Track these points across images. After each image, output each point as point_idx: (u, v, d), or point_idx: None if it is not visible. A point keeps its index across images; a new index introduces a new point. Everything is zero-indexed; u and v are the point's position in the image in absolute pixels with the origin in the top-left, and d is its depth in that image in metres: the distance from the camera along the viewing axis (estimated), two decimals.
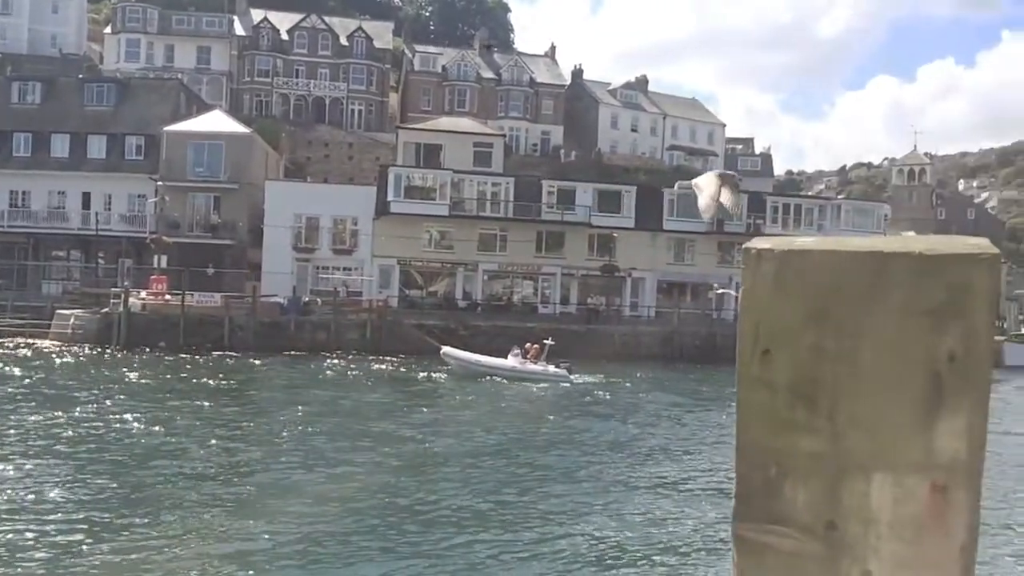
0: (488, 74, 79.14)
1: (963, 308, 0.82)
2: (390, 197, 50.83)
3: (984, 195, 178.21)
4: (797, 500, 0.87)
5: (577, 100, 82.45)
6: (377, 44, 78.42)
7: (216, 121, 54.84)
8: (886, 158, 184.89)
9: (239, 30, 76.64)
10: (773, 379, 0.88)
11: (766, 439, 0.89)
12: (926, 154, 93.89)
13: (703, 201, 7.85)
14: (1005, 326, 62.29)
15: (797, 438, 0.87)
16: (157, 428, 20.65)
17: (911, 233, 73.70)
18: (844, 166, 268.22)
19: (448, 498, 15.05)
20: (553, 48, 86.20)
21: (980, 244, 0.85)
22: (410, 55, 79.00)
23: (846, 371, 0.85)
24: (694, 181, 8.20)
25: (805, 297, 0.86)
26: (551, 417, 25.84)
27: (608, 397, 30.59)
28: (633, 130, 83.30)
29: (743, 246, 0.90)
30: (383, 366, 37.00)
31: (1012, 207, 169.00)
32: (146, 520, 12.92)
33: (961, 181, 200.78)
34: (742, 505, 0.90)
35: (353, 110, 77.03)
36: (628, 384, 34.13)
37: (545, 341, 34.81)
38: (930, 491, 0.84)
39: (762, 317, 0.88)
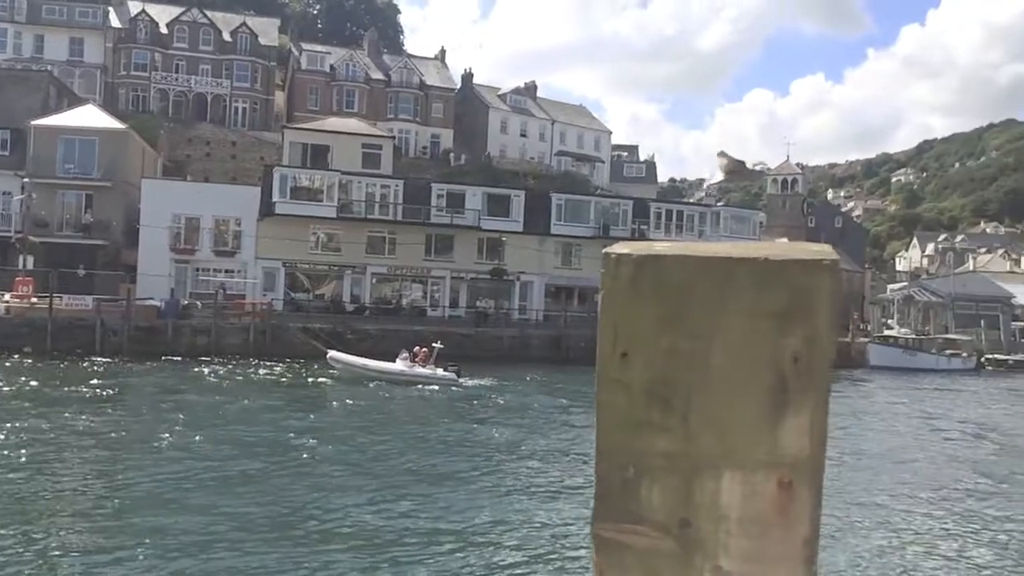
0: (377, 75, 78.41)
1: (806, 311, 0.86)
2: (275, 198, 49.68)
3: (850, 204, 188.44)
4: (653, 499, 0.89)
5: (467, 104, 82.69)
6: (262, 41, 76.51)
7: (89, 116, 52.35)
8: (761, 164, 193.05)
9: (115, 22, 73.37)
10: (630, 381, 0.90)
11: (624, 440, 0.90)
12: (798, 165, 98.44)
13: None
14: (869, 328, 66.04)
15: (653, 438, 0.89)
16: (21, 438, 19.51)
17: (784, 239, 77.17)
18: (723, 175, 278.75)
19: (330, 505, 14.81)
20: (443, 51, 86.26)
21: (822, 251, 0.89)
22: (297, 53, 77.45)
23: (698, 372, 0.88)
24: None
25: (660, 301, 0.88)
26: (438, 421, 25.80)
27: (497, 399, 30.77)
28: (522, 135, 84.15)
29: (603, 251, 0.92)
30: (267, 371, 36.09)
31: (875, 215, 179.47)
32: (12, 540, 12.19)
33: (830, 191, 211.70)
34: (601, 505, 0.92)
35: (237, 108, 74.91)
36: (517, 386, 34.44)
37: (434, 344, 34.74)
38: (776, 487, 0.87)
39: (620, 320, 0.90)
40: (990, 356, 61.59)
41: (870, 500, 16.98)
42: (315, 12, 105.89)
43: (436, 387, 32.64)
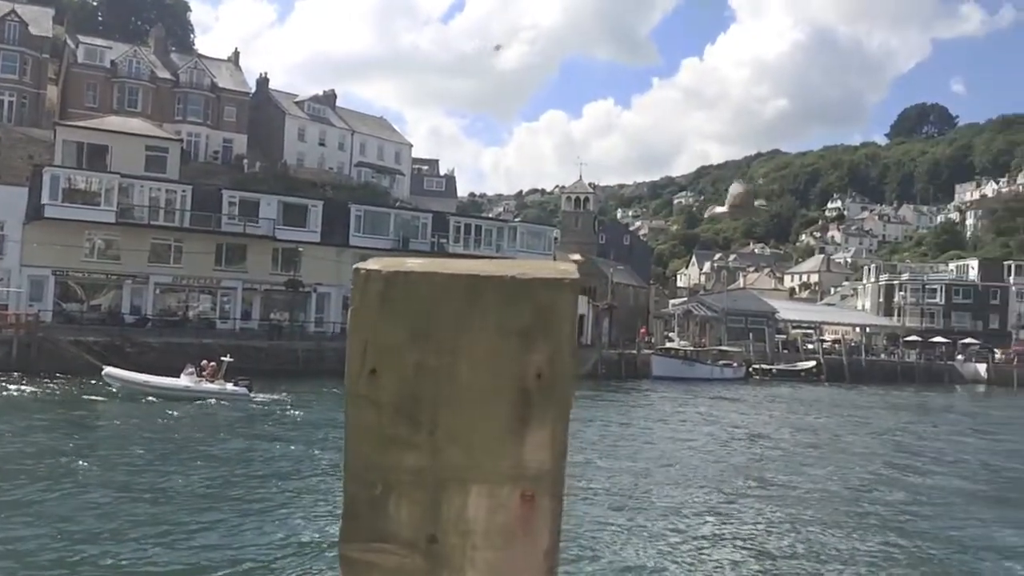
0: (164, 74, 74.16)
1: (549, 329, 0.87)
2: (45, 200, 45.67)
3: (638, 223, 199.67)
4: (401, 516, 0.89)
5: (262, 109, 79.94)
6: (33, 31, 70.24)
7: None
8: (557, 185, 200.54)
9: None
10: (379, 397, 0.89)
11: (373, 457, 0.89)
12: (590, 184, 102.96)
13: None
14: (653, 341, 70.04)
15: (401, 455, 0.89)
16: None
17: (576, 256, 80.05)
18: (521, 191, 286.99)
19: (95, 533, 13.74)
20: (237, 53, 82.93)
21: (565, 269, 0.91)
22: (73, 46, 71.74)
23: (445, 388, 0.88)
24: None
25: (409, 317, 0.88)
26: (224, 439, 24.60)
27: (290, 414, 29.81)
28: (321, 144, 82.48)
29: (353, 267, 0.91)
30: (33, 388, 32.99)
31: (660, 235, 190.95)
32: None
33: (619, 210, 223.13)
34: (349, 524, 0.90)
35: (2, 101, 68.29)
36: (312, 400, 33.52)
37: (223, 358, 33.15)
38: (520, 500, 0.88)
39: (370, 336, 0.89)
40: (757, 366, 67.04)
41: (647, 502, 17.94)
42: (95, 3, 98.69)
43: (226, 403, 31.15)
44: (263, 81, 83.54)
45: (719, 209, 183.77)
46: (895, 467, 24.95)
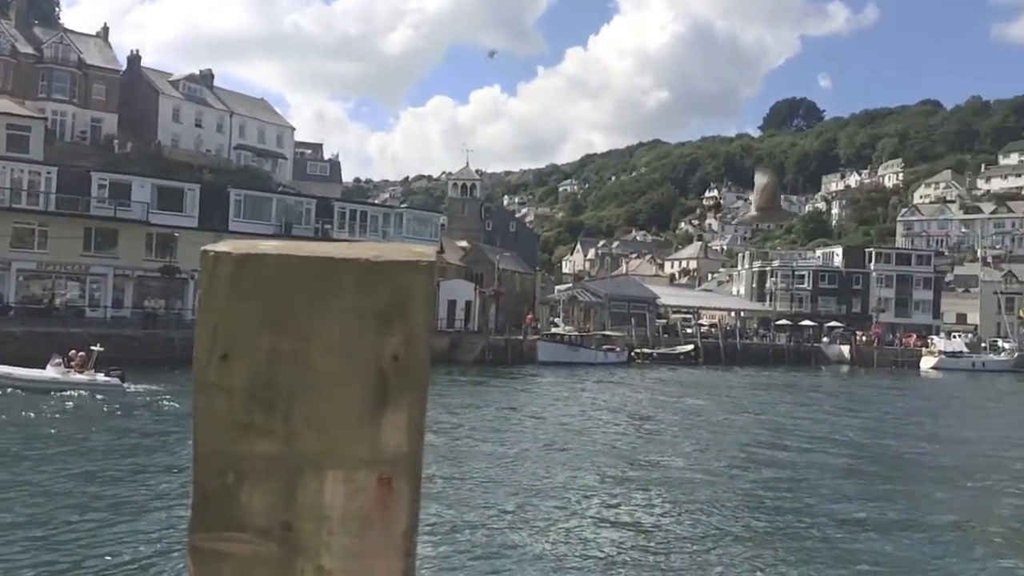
0: (27, 49, 69.73)
1: (405, 311, 0.87)
2: None
3: (524, 210, 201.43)
4: (254, 504, 0.87)
5: (134, 88, 76.27)
6: None
7: None
8: (444, 172, 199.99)
9: None
10: (230, 384, 0.87)
11: (224, 445, 0.88)
12: (477, 171, 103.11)
13: None
14: (539, 327, 70.97)
15: (254, 442, 0.87)
16: None
17: (463, 242, 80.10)
18: (407, 177, 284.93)
19: None
20: (106, 29, 78.77)
21: (421, 252, 0.90)
22: None
23: (300, 373, 0.87)
24: None
25: (261, 301, 0.87)
26: (90, 432, 23.54)
27: (164, 405, 28.77)
28: (198, 125, 79.42)
29: (201, 249, 0.89)
30: None
31: (545, 222, 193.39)
32: None
33: (506, 197, 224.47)
34: (199, 515, 0.89)
35: None
36: (189, 390, 32.23)
37: (93, 348, 31.63)
38: (377, 484, 0.87)
39: (220, 321, 0.87)
40: (638, 350, 68.92)
41: (531, 484, 18.25)
42: None
43: (99, 395, 29.77)
44: (134, 58, 79.69)
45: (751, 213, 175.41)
46: (769, 444, 26.19)
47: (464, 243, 78.95)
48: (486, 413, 31.00)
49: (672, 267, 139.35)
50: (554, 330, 70.01)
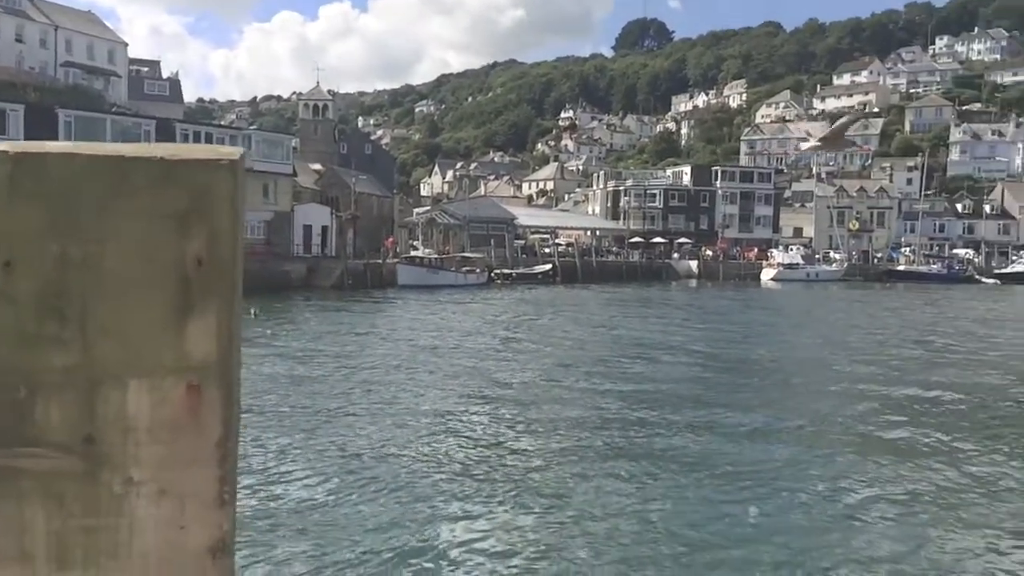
0: None
1: (206, 213, 0.83)
2: None
3: (380, 132, 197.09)
4: (51, 419, 0.84)
5: None
6: None
7: None
8: (294, 92, 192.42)
9: None
10: (16, 293, 0.82)
11: (13, 359, 0.83)
12: (329, 91, 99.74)
13: None
14: (398, 251, 70.42)
15: (48, 354, 0.83)
16: None
17: (317, 165, 77.84)
18: (255, 97, 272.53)
19: None
20: None
21: (222, 151, 0.86)
22: None
23: (93, 280, 0.83)
24: None
25: (46, 203, 0.81)
26: None
27: None
28: (18, 40, 72.68)
29: None
30: None
31: (402, 144, 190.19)
32: None
33: (360, 118, 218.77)
34: None
35: None
36: None
37: None
38: (185, 392, 0.85)
39: (0, 227, 0.82)
40: (498, 271, 69.71)
41: (387, 407, 18.33)
42: None
43: None
44: None
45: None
46: (624, 357, 27.23)
47: (318, 166, 76.73)
48: (345, 339, 30.72)
49: (530, 188, 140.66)
50: (413, 253, 69.65)
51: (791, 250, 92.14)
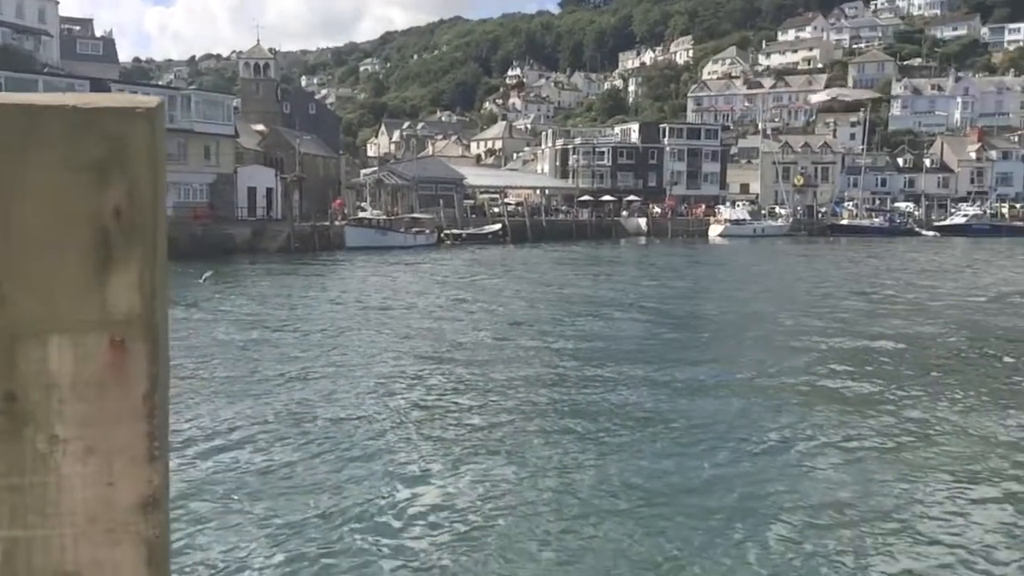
0: None
1: (124, 163, 0.82)
2: None
3: (324, 91, 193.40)
4: None
5: None
6: None
7: None
8: (234, 51, 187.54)
9: None
10: None
11: None
12: (270, 50, 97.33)
13: None
14: (346, 212, 69.56)
15: None
16: None
17: (260, 126, 76.23)
18: (194, 56, 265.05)
19: None
20: None
21: (139, 100, 0.85)
22: None
23: (7, 232, 0.82)
24: None
25: None
26: None
27: None
28: None
29: None
30: None
31: (347, 103, 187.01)
32: None
33: (304, 77, 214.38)
34: None
35: None
36: None
37: None
38: (109, 347, 0.84)
39: None
40: (448, 231, 69.33)
41: (334, 369, 18.20)
42: None
43: None
44: None
45: None
46: (574, 315, 27.36)
47: (261, 127, 75.12)
48: (295, 302, 30.34)
49: (478, 147, 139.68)
50: (361, 215, 68.83)
51: (738, 206, 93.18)
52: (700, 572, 8.37)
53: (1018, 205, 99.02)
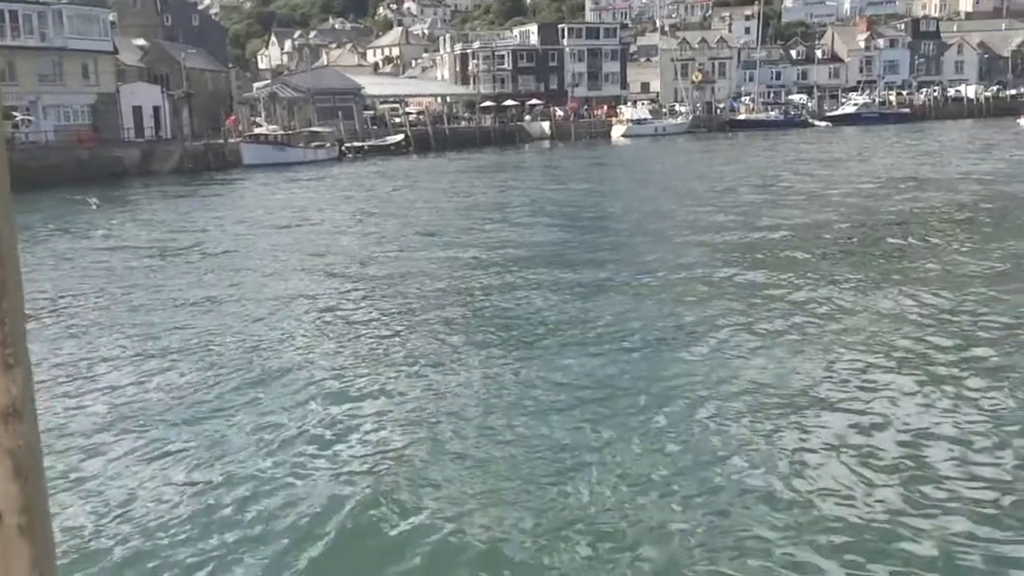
0: None
1: None
2: None
3: (207, 1, 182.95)
4: None
5: None
6: None
7: None
8: None
9: None
10: None
11: None
12: None
13: None
14: (241, 129, 66.91)
15: None
16: None
17: (141, 40, 72.03)
18: None
19: None
20: None
21: None
22: None
23: None
24: None
25: None
26: None
27: None
28: None
29: None
30: None
31: (233, 13, 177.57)
32: None
33: None
34: None
35: None
36: None
37: None
38: None
39: None
40: (349, 144, 67.60)
41: (237, 292, 17.78)
42: None
43: None
44: None
45: None
46: (482, 221, 27.26)
47: (141, 41, 70.87)
48: (193, 224, 29.29)
49: (375, 56, 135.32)
50: (257, 131, 66.27)
51: (639, 106, 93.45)
52: (621, 461, 8.63)
53: (904, 92, 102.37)
